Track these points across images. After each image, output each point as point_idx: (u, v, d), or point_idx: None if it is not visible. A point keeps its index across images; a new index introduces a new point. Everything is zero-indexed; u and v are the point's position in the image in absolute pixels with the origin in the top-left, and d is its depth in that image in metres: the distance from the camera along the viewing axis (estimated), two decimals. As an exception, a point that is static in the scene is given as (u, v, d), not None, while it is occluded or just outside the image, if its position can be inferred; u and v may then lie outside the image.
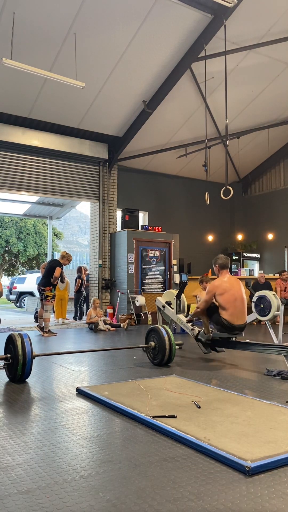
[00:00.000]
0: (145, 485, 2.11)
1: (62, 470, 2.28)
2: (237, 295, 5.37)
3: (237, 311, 5.33)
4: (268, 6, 8.74)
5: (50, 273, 8.60)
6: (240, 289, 5.46)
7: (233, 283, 5.46)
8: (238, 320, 5.34)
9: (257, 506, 1.91)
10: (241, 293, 5.43)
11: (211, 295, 5.44)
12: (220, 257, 5.66)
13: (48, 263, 9.07)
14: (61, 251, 9.53)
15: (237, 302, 5.35)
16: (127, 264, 11.25)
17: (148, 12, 8.35)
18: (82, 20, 8.20)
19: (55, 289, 8.80)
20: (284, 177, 14.20)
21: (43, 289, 8.55)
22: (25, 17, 7.87)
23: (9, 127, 10.29)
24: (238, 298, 5.37)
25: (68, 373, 4.86)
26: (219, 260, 5.60)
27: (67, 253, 9.19)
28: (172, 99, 10.65)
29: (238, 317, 5.34)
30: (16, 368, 4.25)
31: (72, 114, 10.57)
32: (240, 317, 5.37)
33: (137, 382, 4.17)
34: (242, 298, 5.43)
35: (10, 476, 2.22)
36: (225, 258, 5.65)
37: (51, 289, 8.58)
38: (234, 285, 5.43)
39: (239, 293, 5.40)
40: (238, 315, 5.34)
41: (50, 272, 8.61)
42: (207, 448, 2.48)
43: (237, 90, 10.73)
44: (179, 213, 13.93)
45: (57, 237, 30.63)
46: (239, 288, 5.46)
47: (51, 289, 8.57)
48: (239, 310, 5.36)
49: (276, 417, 3.08)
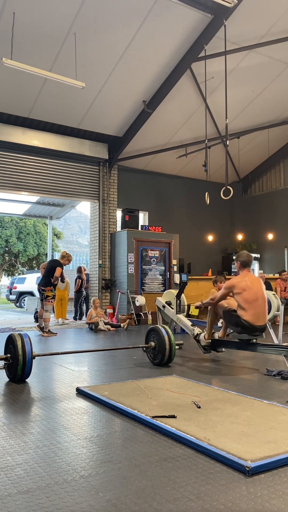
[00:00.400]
0: (145, 485, 2.11)
1: (62, 470, 2.28)
2: (258, 294, 5.03)
3: (258, 311, 4.99)
4: (268, 6, 8.74)
5: (51, 273, 8.60)
6: (261, 288, 5.12)
7: (254, 281, 5.11)
8: (259, 320, 5.00)
9: (257, 506, 1.91)
10: (262, 292, 5.09)
11: (227, 291, 5.13)
12: (242, 253, 5.31)
13: (48, 263, 9.06)
14: (61, 251, 9.52)
15: (258, 302, 5.00)
16: (127, 264, 11.26)
17: (148, 12, 8.35)
18: (82, 20, 8.20)
19: (56, 289, 8.80)
20: (284, 177, 14.19)
21: (44, 289, 8.56)
22: (25, 17, 7.87)
23: (9, 127, 10.29)
24: (259, 298, 5.02)
25: (68, 373, 4.86)
26: (241, 257, 5.25)
27: (67, 253, 9.18)
28: (172, 99, 10.65)
29: (259, 317, 4.99)
30: (16, 368, 4.25)
31: (72, 114, 10.57)
32: (261, 317, 5.03)
33: (137, 382, 4.17)
34: (264, 298, 5.08)
35: (10, 476, 2.22)
36: (248, 256, 5.28)
37: (52, 289, 8.59)
38: (255, 284, 5.08)
39: (260, 292, 5.06)
40: (259, 315, 5.00)
41: (51, 272, 8.61)
42: (207, 448, 2.48)
43: (237, 90, 10.73)
44: (179, 213, 13.93)
45: (57, 237, 30.63)
46: (260, 287, 5.11)
47: (51, 289, 8.58)
48: (260, 310, 5.02)
49: (276, 417, 3.08)
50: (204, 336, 5.59)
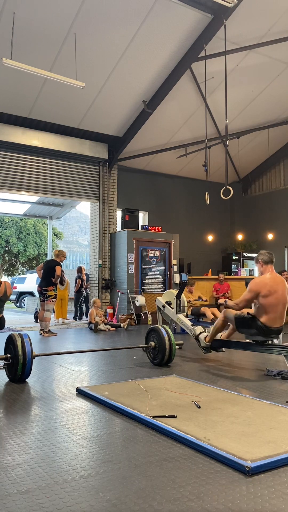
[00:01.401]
0: (145, 485, 2.11)
1: (62, 470, 2.28)
2: (280, 298, 4.84)
3: (276, 315, 4.85)
4: (268, 6, 8.74)
5: (50, 273, 8.62)
6: (285, 291, 4.90)
7: (279, 284, 4.90)
8: (276, 323, 4.87)
9: (257, 506, 1.91)
10: (285, 296, 4.89)
11: (254, 295, 4.84)
12: (263, 252, 5.16)
13: (46, 264, 8.98)
14: (54, 250, 9.47)
15: (279, 307, 4.85)
16: (127, 264, 11.25)
17: (148, 12, 8.35)
18: (82, 20, 8.19)
19: (57, 288, 8.85)
20: (284, 177, 14.19)
21: (46, 289, 8.59)
22: (25, 17, 7.87)
23: (9, 127, 10.29)
24: (280, 302, 4.85)
25: (68, 373, 4.86)
26: (262, 255, 5.10)
27: (59, 250, 9.18)
28: (172, 99, 10.65)
29: (276, 320, 4.86)
30: (16, 368, 4.25)
31: (72, 114, 10.57)
32: (279, 320, 4.89)
33: (137, 382, 4.17)
34: (285, 301, 4.90)
35: (10, 476, 2.22)
36: (269, 253, 5.13)
37: (53, 289, 8.66)
38: (280, 287, 4.87)
39: (283, 296, 4.87)
40: (277, 319, 4.87)
41: (50, 272, 8.62)
42: (207, 448, 2.48)
43: (237, 90, 10.73)
44: (179, 213, 13.93)
45: (57, 237, 30.62)
46: (284, 290, 4.89)
47: (53, 288, 8.65)
48: (279, 314, 4.87)
49: (276, 417, 3.08)
50: (205, 338, 5.57)
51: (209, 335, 5.54)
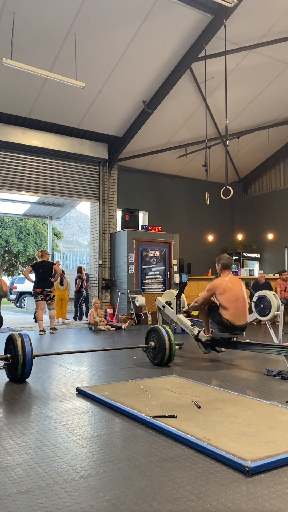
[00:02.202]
0: (145, 485, 2.11)
1: (62, 470, 2.28)
2: (238, 294, 5.37)
3: (238, 311, 5.33)
4: (268, 6, 8.74)
5: (50, 274, 8.90)
6: (242, 288, 5.47)
7: (235, 282, 5.47)
8: (240, 320, 5.34)
9: (257, 506, 1.91)
10: (242, 293, 5.44)
11: (210, 293, 5.48)
12: (223, 256, 5.66)
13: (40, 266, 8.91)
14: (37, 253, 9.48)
15: (238, 302, 5.35)
16: (127, 264, 11.25)
17: (148, 12, 8.35)
18: (82, 20, 8.19)
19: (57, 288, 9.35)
20: (284, 177, 14.19)
21: (49, 290, 8.87)
22: (25, 17, 7.87)
23: (9, 127, 10.29)
24: (239, 298, 5.37)
25: (68, 373, 4.86)
26: (222, 260, 5.62)
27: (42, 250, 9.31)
28: (172, 99, 10.65)
29: (239, 317, 5.34)
30: (16, 368, 4.25)
31: (72, 114, 10.57)
32: (242, 317, 5.37)
33: (137, 382, 4.17)
34: (244, 298, 5.43)
35: (10, 476, 2.22)
36: (228, 258, 5.64)
37: (54, 289, 9.28)
38: (236, 285, 5.44)
39: (240, 292, 5.41)
40: (239, 315, 5.34)
41: (48, 273, 8.89)
42: (207, 448, 2.48)
43: (237, 90, 10.73)
44: (179, 213, 13.93)
45: (57, 237, 30.62)
46: (241, 287, 5.46)
47: (54, 288, 9.32)
48: (240, 310, 5.36)
49: (276, 417, 3.08)
50: (204, 332, 5.71)
51: (204, 328, 5.76)
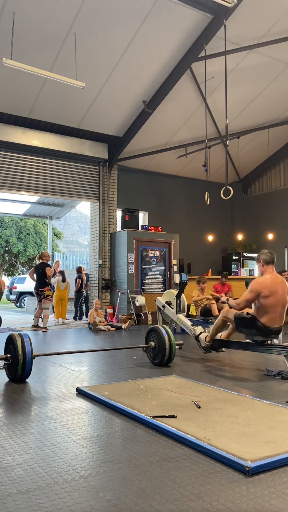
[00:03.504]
0: (145, 485, 2.11)
1: (62, 470, 2.28)
2: (280, 299, 4.86)
3: (277, 315, 4.88)
4: (268, 6, 8.74)
5: (43, 275, 9.37)
6: (285, 292, 4.91)
7: (279, 284, 4.91)
8: (276, 323, 4.90)
9: (257, 506, 1.91)
10: (284, 297, 4.90)
11: (255, 295, 4.83)
12: (265, 252, 5.13)
13: (38, 267, 9.62)
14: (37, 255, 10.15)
15: (278, 307, 4.87)
16: (127, 264, 11.25)
17: (148, 12, 8.35)
18: (82, 20, 8.19)
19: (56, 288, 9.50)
20: (284, 177, 14.19)
21: (43, 290, 9.33)
22: (25, 17, 7.87)
23: (9, 127, 10.28)
24: (280, 303, 4.87)
25: (68, 373, 4.86)
26: (263, 254, 5.08)
27: (42, 252, 10.04)
28: (172, 99, 10.64)
29: (276, 320, 4.89)
30: (16, 368, 4.25)
31: (72, 114, 10.57)
32: (278, 320, 4.92)
33: (137, 382, 4.17)
34: (284, 302, 4.91)
35: (10, 476, 2.22)
36: (271, 253, 5.10)
37: (50, 289, 9.47)
38: (280, 288, 4.89)
39: (283, 297, 4.88)
40: (276, 319, 4.89)
41: (43, 274, 9.38)
42: (207, 448, 2.48)
43: (237, 90, 10.72)
44: (179, 213, 13.93)
45: (57, 237, 30.62)
46: (284, 291, 4.91)
47: (49, 288, 9.45)
48: (279, 314, 4.90)
49: (276, 417, 3.08)
50: (205, 337, 5.57)
51: (209, 335, 5.54)
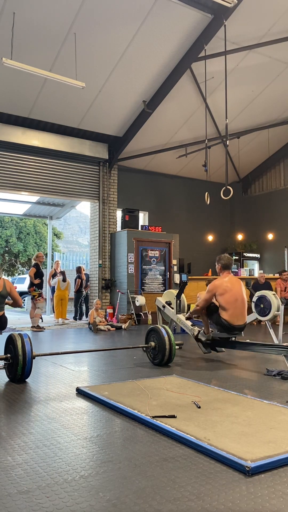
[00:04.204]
0: (145, 485, 2.11)
1: (62, 470, 2.28)
2: (237, 295, 5.37)
3: (237, 312, 5.34)
4: (268, 6, 8.74)
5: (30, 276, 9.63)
6: (241, 289, 5.47)
7: (234, 283, 5.45)
8: (238, 320, 5.36)
9: (257, 506, 1.91)
10: (241, 294, 5.44)
11: (211, 294, 5.44)
12: (223, 257, 5.63)
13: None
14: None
15: (237, 303, 5.35)
16: (127, 264, 11.25)
17: (148, 12, 8.35)
18: (82, 20, 8.20)
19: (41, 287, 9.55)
20: (284, 177, 14.19)
21: (29, 290, 9.61)
22: (25, 17, 7.87)
23: (9, 127, 10.29)
24: (238, 299, 5.37)
25: (68, 373, 4.86)
26: (222, 260, 5.59)
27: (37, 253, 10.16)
28: (172, 99, 10.65)
29: (238, 317, 5.35)
30: (16, 368, 4.25)
31: (72, 114, 10.57)
32: (240, 317, 5.38)
33: (137, 382, 4.16)
34: (243, 299, 5.43)
35: (10, 476, 2.22)
36: (228, 259, 5.62)
37: (35, 289, 9.47)
38: (235, 285, 5.43)
39: (239, 293, 5.41)
40: (238, 316, 5.35)
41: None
42: (207, 448, 2.48)
43: (237, 90, 10.73)
44: (179, 213, 13.93)
45: (57, 237, 30.60)
46: (240, 288, 5.45)
47: (34, 289, 9.47)
48: (239, 311, 5.37)
49: (276, 417, 3.08)
50: (204, 331, 5.72)
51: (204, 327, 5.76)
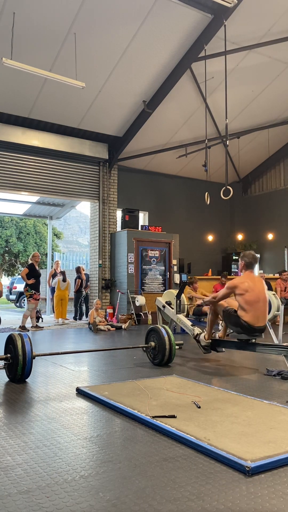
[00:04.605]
0: (145, 485, 2.11)
1: (62, 470, 2.28)
2: (259, 295, 4.95)
3: (258, 313, 4.93)
4: (268, 6, 8.74)
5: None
6: (263, 289, 5.04)
7: (256, 282, 5.02)
8: (259, 321, 4.94)
9: (257, 506, 1.91)
10: (264, 294, 5.01)
11: (229, 292, 5.04)
12: (248, 254, 5.15)
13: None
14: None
15: (259, 304, 4.93)
16: (127, 264, 11.25)
17: (148, 12, 8.35)
18: (82, 20, 8.19)
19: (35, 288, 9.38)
20: (284, 177, 14.19)
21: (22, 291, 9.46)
22: (25, 17, 7.87)
23: (9, 127, 10.29)
24: (260, 299, 4.95)
25: (68, 373, 4.86)
26: (246, 257, 5.10)
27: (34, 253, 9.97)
28: (172, 99, 10.64)
29: (259, 318, 4.94)
30: (16, 368, 4.25)
31: (72, 114, 10.57)
32: (261, 318, 4.97)
33: (137, 382, 4.17)
34: (265, 299, 5.01)
35: (10, 476, 2.22)
36: (253, 256, 5.12)
37: (28, 289, 9.34)
38: (257, 285, 4.99)
39: (262, 293, 4.98)
40: (259, 317, 4.94)
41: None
42: (207, 448, 2.48)
43: (237, 90, 10.72)
44: (179, 213, 13.93)
45: (57, 237, 30.62)
46: (262, 288, 5.03)
47: (27, 289, 9.36)
48: (260, 312, 4.95)
49: (276, 417, 3.08)
50: (204, 336, 5.58)
51: (206, 332, 5.58)
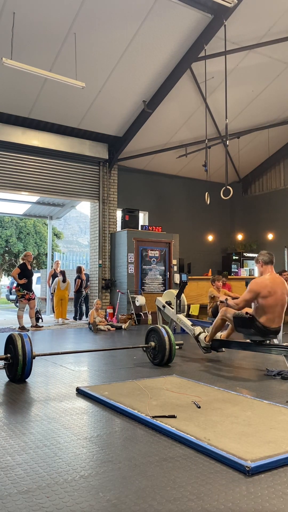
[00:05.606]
0: (145, 485, 2.11)
1: (62, 470, 2.28)
2: (280, 299, 4.84)
3: (275, 315, 4.85)
4: (268, 6, 8.74)
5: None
6: (284, 292, 4.91)
7: (278, 285, 4.88)
8: (274, 323, 4.87)
9: (257, 506, 1.91)
10: (284, 298, 4.89)
11: (254, 296, 4.83)
12: (263, 252, 5.15)
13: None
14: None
15: (277, 307, 4.85)
16: (127, 264, 11.25)
17: (148, 12, 8.35)
18: (82, 20, 8.19)
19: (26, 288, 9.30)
20: (284, 177, 14.19)
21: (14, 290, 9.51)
22: (25, 17, 7.87)
23: (9, 127, 10.28)
24: (279, 303, 4.85)
25: (68, 373, 4.86)
26: (263, 256, 5.08)
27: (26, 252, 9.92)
28: (172, 99, 10.64)
29: (274, 320, 4.87)
30: (16, 368, 4.25)
31: (72, 114, 10.57)
32: (277, 320, 4.90)
33: (137, 382, 4.17)
34: (284, 303, 4.90)
35: (10, 476, 2.22)
36: (270, 254, 5.14)
37: (19, 289, 9.28)
38: (279, 288, 4.86)
39: (282, 297, 4.87)
40: (275, 319, 4.87)
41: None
42: (207, 448, 2.48)
43: (237, 90, 10.72)
44: (179, 213, 13.93)
45: (57, 237, 30.62)
46: (283, 291, 4.89)
47: (18, 289, 9.30)
48: (277, 314, 4.87)
49: (276, 417, 3.08)
50: (205, 337, 5.57)
51: (208, 334, 5.55)
